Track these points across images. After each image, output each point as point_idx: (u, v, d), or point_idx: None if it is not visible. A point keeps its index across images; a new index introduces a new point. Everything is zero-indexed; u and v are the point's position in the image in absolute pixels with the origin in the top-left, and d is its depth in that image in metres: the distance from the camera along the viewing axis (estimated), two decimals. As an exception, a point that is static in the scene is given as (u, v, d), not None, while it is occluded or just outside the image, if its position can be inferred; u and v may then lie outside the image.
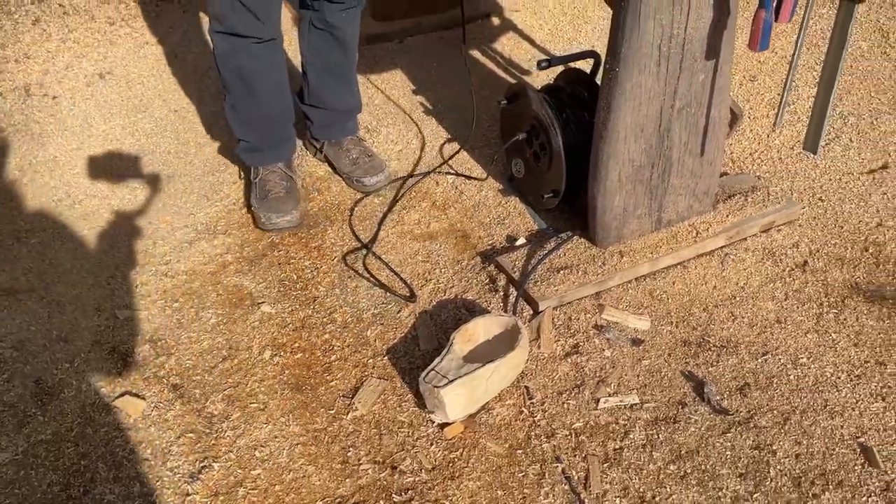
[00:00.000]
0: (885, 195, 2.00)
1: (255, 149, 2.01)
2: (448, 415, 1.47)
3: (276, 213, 1.95)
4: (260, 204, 1.97)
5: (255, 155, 2.02)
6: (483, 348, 1.57)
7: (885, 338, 1.63)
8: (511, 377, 1.55)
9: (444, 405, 1.45)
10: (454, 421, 1.49)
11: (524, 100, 1.88)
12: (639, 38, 1.51)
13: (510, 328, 1.57)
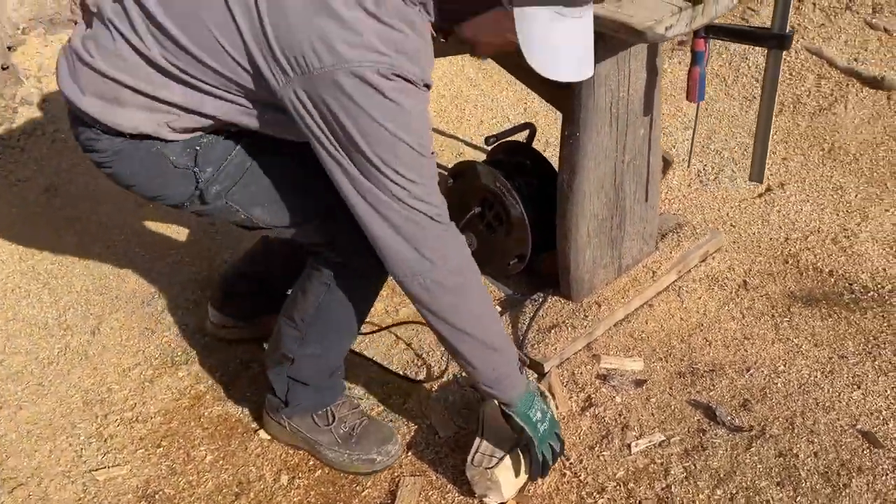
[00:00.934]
0: (779, 213, 2.27)
1: (324, 388, 1.60)
2: (503, 494, 1.44)
3: (378, 447, 1.56)
4: (349, 449, 1.56)
5: (326, 394, 1.61)
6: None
7: (834, 334, 1.84)
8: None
9: (498, 485, 1.42)
10: (508, 500, 1.47)
11: (473, 175, 1.94)
12: (594, 104, 1.64)
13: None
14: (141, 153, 1.30)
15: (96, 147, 1.31)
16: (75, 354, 1.86)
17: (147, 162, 1.31)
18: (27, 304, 2.01)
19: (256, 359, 1.84)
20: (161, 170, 1.32)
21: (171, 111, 1.25)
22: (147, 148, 1.29)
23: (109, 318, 1.96)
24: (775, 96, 1.58)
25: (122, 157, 1.31)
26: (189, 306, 2.00)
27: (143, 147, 1.29)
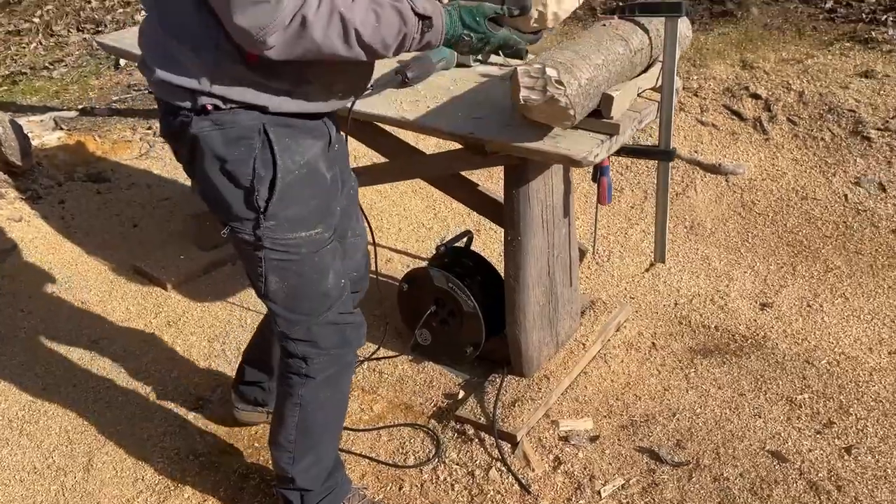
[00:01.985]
0: (665, 283, 2.74)
1: (331, 487, 1.75)
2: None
3: None
4: None
5: (336, 492, 1.75)
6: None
7: (731, 377, 2.28)
8: None
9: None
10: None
11: (426, 279, 2.24)
12: (530, 213, 2.01)
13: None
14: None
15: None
16: (74, 493, 1.92)
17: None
18: (9, 452, 2.04)
19: (252, 468, 1.99)
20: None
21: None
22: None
23: (99, 452, 2.04)
24: (668, 196, 2.03)
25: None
26: (175, 430, 2.11)
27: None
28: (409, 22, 1.30)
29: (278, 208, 1.43)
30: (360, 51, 1.29)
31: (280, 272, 1.50)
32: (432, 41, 1.35)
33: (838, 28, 3.92)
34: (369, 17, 1.26)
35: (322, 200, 1.51)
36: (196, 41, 1.32)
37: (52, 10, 6.02)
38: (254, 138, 1.38)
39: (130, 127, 4.16)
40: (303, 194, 1.46)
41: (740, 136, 3.45)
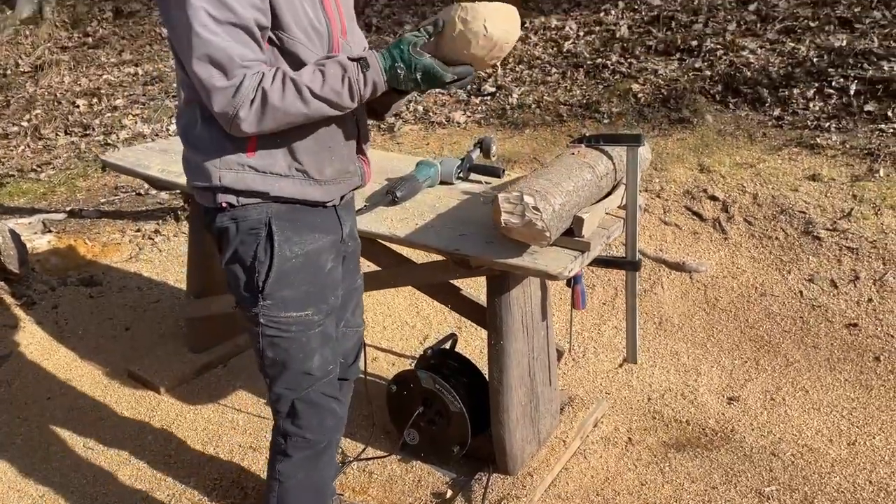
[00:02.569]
0: (638, 379, 2.90)
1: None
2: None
3: None
4: None
5: None
6: None
7: (703, 470, 2.41)
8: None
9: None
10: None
11: (414, 381, 2.37)
12: (511, 319, 2.17)
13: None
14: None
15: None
16: None
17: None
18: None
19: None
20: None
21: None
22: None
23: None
24: (636, 302, 2.22)
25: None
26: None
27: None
28: (348, 67, 1.48)
29: (274, 289, 1.65)
30: (319, 104, 1.48)
31: (272, 347, 1.71)
32: (376, 80, 1.50)
33: (786, 134, 4.25)
34: (316, 75, 1.47)
35: (315, 288, 1.71)
36: (201, 143, 1.58)
37: (40, 115, 6.23)
38: (260, 229, 1.62)
39: (119, 229, 4.30)
40: (296, 280, 1.67)
41: (701, 235, 3.69)
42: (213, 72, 1.41)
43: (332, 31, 1.59)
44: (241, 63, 1.42)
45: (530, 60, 5.46)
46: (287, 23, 1.49)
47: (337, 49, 1.60)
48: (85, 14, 7.31)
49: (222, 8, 1.39)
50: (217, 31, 1.40)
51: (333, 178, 1.68)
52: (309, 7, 1.54)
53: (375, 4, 6.57)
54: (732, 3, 5.39)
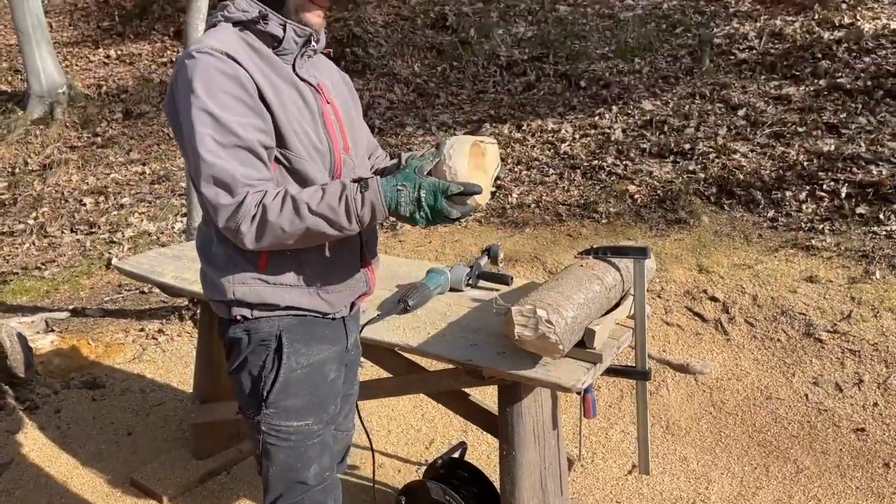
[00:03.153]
0: (648, 486, 2.86)
1: None
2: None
3: None
4: None
5: None
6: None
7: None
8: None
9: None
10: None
11: (423, 492, 2.34)
12: (523, 428, 2.17)
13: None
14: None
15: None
16: None
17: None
18: None
19: None
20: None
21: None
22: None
23: None
24: (647, 412, 2.22)
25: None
26: None
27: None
28: (347, 186, 1.51)
29: (278, 398, 1.69)
30: (315, 219, 1.49)
31: (271, 455, 1.73)
32: (374, 200, 1.50)
33: (781, 235, 4.35)
34: (316, 192, 1.51)
35: (317, 398, 1.75)
36: (216, 260, 1.66)
37: (47, 213, 6.33)
38: (271, 341, 1.67)
39: (123, 328, 4.31)
40: (300, 390, 1.71)
41: (704, 336, 3.72)
42: (219, 191, 1.48)
43: (334, 148, 1.66)
44: (245, 182, 1.48)
45: (528, 161, 5.63)
46: (291, 142, 1.57)
47: (339, 166, 1.67)
48: (95, 115, 7.53)
49: (226, 133, 1.47)
50: (222, 155, 1.47)
51: (340, 289, 1.74)
52: (310, 127, 1.61)
53: (377, 107, 6.80)
54: (722, 109, 5.62)
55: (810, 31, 6.23)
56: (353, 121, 1.80)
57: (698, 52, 6.34)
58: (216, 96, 1.46)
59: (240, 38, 1.57)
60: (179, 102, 1.50)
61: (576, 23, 7.28)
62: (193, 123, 1.46)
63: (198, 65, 1.47)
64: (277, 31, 1.58)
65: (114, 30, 8.83)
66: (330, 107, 1.70)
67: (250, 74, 1.51)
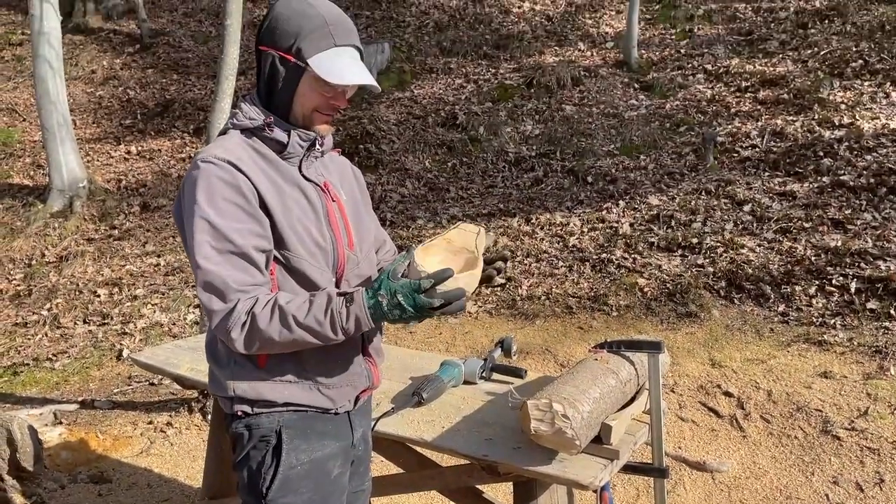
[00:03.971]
0: (667, 590, 2.77)
1: None
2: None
3: None
4: None
5: None
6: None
7: None
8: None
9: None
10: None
11: None
12: (538, 528, 2.13)
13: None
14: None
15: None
16: None
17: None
18: None
19: None
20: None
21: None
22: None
23: None
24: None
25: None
26: None
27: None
28: (333, 300, 1.55)
29: (277, 495, 1.67)
30: (302, 332, 1.54)
31: None
32: (359, 314, 1.54)
33: (793, 330, 4.35)
34: (303, 305, 1.55)
35: (318, 494, 1.71)
36: (220, 358, 1.70)
37: (61, 304, 6.39)
38: (271, 437, 1.67)
39: (131, 421, 4.28)
40: (301, 487, 1.69)
41: (719, 432, 3.67)
42: (212, 297, 1.54)
43: (338, 245, 1.71)
44: (237, 288, 1.55)
45: (538, 254, 5.70)
46: (291, 242, 1.63)
47: (343, 262, 1.72)
48: (113, 208, 7.71)
49: (222, 240, 1.54)
50: (217, 261, 1.54)
51: (340, 383, 1.75)
52: (313, 226, 1.67)
53: (389, 200, 6.96)
54: (728, 204, 5.72)
55: (811, 130, 6.41)
56: (361, 216, 1.86)
57: (702, 150, 6.51)
58: (216, 204, 1.55)
59: (246, 145, 1.66)
60: (185, 209, 1.61)
61: (582, 121, 7.51)
62: (194, 231, 1.55)
63: (201, 174, 1.57)
64: (282, 138, 1.67)
65: (135, 127, 9.15)
66: (335, 204, 1.76)
67: (251, 180, 1.59)
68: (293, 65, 1.63)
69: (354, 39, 1.68)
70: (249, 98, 1.71)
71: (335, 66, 1.61)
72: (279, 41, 1.63)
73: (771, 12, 8.50)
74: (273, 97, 1.67)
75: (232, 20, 3.93)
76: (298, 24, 1.63)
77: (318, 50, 1.62)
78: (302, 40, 1.62)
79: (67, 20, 11.11)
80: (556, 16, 9.52)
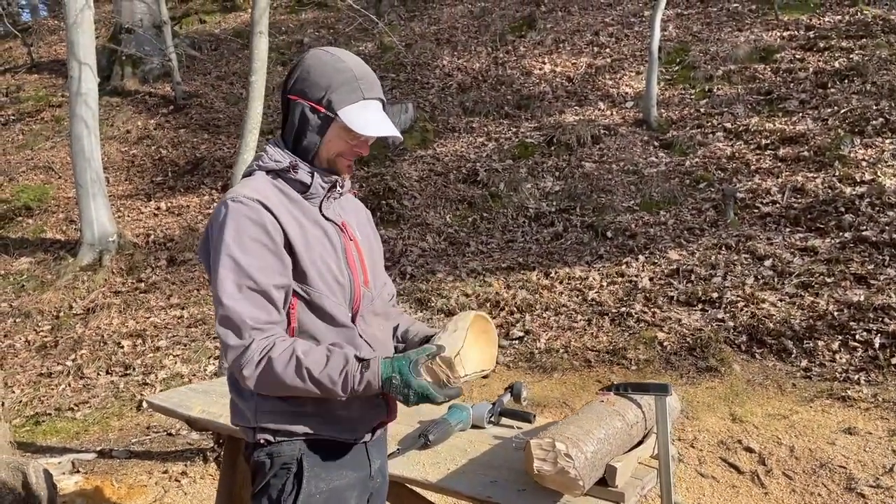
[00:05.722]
0: None
1: None
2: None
3: None
4: None
5: None
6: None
7: None
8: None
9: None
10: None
11: None
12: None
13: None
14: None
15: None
16: None
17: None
18: None
19: None
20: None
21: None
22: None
23: None
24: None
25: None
26: None
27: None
28: (350, 363, 1.62)
29: None
30: (312, 385, 1.60)
31: None
32: (371, 381, 1.62)
33: (816, 385, 4.26)
34: (320, 359, 1.63)
35: None
36: (242, 390, 1.75)
37: (85, 355, 6.48)
38: (292, 464, 1.71)
39: (147, 471, 4.28)
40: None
41: (740, 489, 3.57)
42: (229, 332, 1.62)
43: (355, 282, 1.78)
44: (253, 325, 1.61)
45: (557, 308, 5.68)
46: (312, 278, 1.71)
47: (358, 298, 1.78)
48: (141, 262, 7.87)
49: (244, 277, 1.62)
50: (237, 297, 1.62)
51: (358, 414, 1.78)
52: (332, 262, 1.74)
53: (410, 254, 7.02)
54: (748, 259, 5.68)
55: (832, 186, 6.39)
56: (374, 255, 1.92)
57: (722, 206, 6.51)
58: (242, 242, 1.63)
59: (272, 185, 1.74)
60: (212, 247, 1.68)
61: (601, 178, 7.57)
62: (219, 267, 1.63)
63: (230, 213, 1.65)
64: (306, 179, 1.75)
65: (166, 184, 9.40)
66: (353, 243, 1.82)
67: (277, 219, 1.67)
68: (323, 115, 1.72)
69: (379, 92, 1.78)
70: (274, 142, 1.80)
71: (362, 119, 1.71)
72: (310, 92, 1.73)
73: (790, 73, 8.57)
74: (300, 142, 1.76)
75: (256, 76, 4.09)
76: (329, 77, 1.72)
77: (348, 102, 1.72)
78: (332, 92, 1.71)
79: (106, 83, 11.59)
80: (576, 77, 9.69)
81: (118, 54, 11.61)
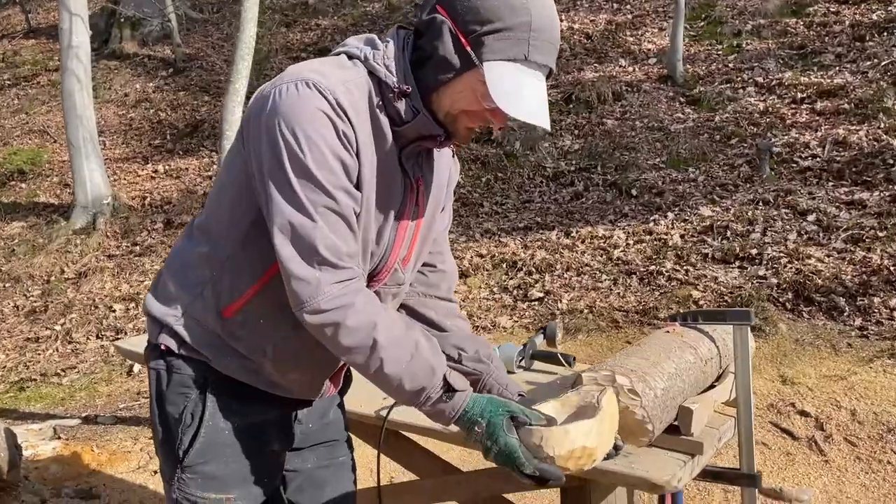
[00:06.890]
0: None
1: None
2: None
3: None
4: None
5: None
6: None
7: None
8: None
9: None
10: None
11: None
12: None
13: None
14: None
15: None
16: None
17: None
18: None
19: None
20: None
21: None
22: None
23: None
24: None
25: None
26: None
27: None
28: (435, 383, 1.27)
29: (196, 460, 1.37)
30: (373, 375, 1.27)
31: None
32: (445, 410, 1.29)
33: (874, 345, 3.82)
34: (403, 355, 1.25)
35: (244, 467, 1.40)
36: (185, 275, 1.36)
37: (75, 319, 6.12)
38: (192, 388, 1.36)
39: (132, 436, 3.91)
40: (224, 453, 1.38)
41: (796, 456, 3.15)
42: (297, 258, 1.23)
43: (391, 256, 1.36)
44: (332, 257, 1.23)
45: (579, 267, 5.26)
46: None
47: (385, 275, 1.37)
48: (136, 225, 7.49)
49: (319, 193, 1.23)
50: (314, 216, 1.22)
51: (296, 384, 1.41)
52: (375, 225, 1.31)
53: (420, 218, 6.62)
54: (789, 214, 5.23)
55: (877, 138, 5.91)
56: (429, 234, 1.47)
57: (757, 161, 6.05)
58: (317, 148, 1.20)
59: (362, 87, 1.27)
60: (263, 131, 1.22)
61: (624, 135, 7.10)
62: (285, 163, 1.21)
63: (306, 104, 1.19)
64: (407, 116, 1.28)
65: (164, 147, 8.98)
66: (416, 209, 1.38)
67: (359, 142, 1.24)
68: (465, 53, 1.22)
69: (551, 60, 1.26)
70: (394, 39, 1.30)
71: (510, 86, 1.20)
72: (463, 14, 1.21)
73: (824, 26, 8.05)
74: (423, 67, 1.26)
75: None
76: (497, 10, 1.20)
77: (503, 56, 1.21)
78: (490, 33, 1.20)
79: (104, 46, 11.16)
80: (595, 34, 9.18)
81: (117, 16, 11.17)
